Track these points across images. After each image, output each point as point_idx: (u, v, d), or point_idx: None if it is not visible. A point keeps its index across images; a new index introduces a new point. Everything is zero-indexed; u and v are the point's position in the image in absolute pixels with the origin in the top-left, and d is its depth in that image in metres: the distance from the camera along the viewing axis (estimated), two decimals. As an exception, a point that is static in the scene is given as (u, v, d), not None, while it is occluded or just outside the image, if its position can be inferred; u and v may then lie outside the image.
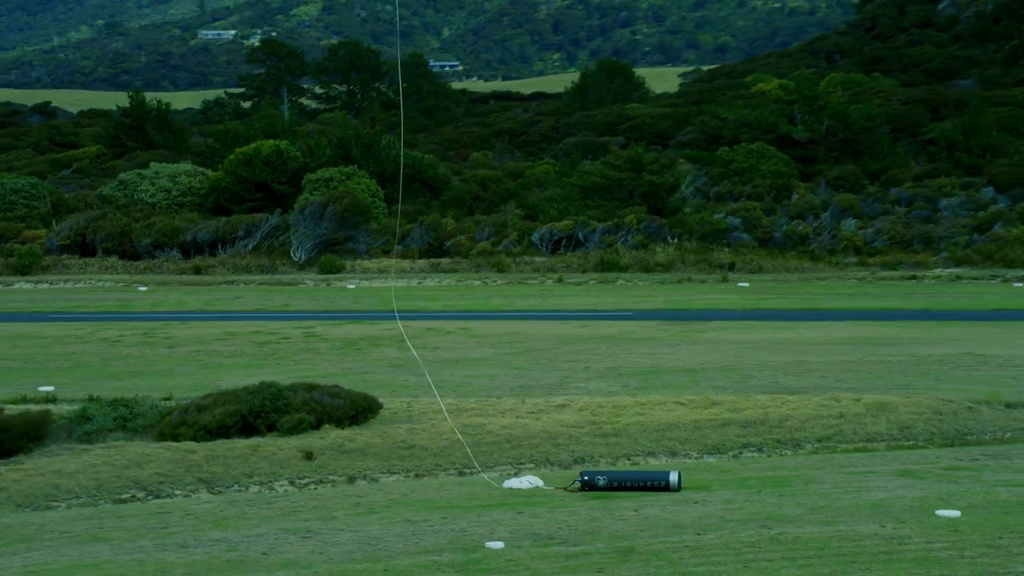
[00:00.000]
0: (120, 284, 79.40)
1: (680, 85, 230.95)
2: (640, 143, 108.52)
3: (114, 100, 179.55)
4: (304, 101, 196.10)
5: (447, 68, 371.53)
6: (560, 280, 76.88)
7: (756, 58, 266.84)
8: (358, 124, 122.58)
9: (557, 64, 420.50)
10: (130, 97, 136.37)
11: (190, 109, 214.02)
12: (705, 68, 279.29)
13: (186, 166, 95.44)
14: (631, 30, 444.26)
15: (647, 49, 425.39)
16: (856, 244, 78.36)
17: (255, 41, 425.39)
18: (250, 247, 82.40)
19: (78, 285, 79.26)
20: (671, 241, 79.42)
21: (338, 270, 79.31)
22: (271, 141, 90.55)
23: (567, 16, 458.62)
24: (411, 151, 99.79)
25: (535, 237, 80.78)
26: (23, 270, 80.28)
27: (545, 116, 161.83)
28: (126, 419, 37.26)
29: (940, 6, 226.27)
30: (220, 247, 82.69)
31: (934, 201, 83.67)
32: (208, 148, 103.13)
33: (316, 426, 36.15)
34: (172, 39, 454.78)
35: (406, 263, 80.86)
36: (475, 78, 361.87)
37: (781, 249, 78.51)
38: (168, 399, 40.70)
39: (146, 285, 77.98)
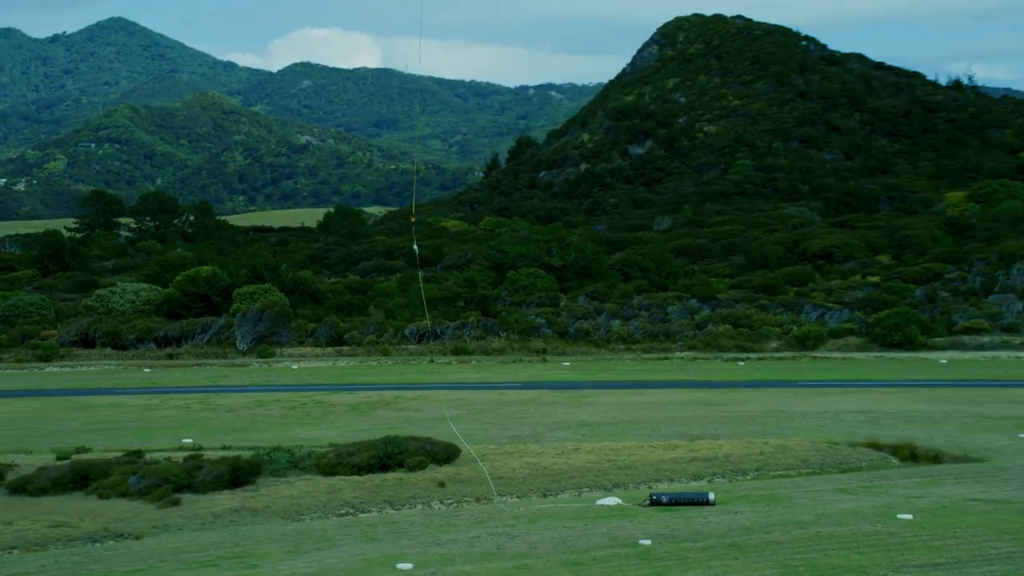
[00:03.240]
0: (121, 367, 77.79)
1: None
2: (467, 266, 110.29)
3: None
4: (123, 233, 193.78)
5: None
6: (432, 361, 78.10)
7: (421, 205, 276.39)
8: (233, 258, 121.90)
9: (242, 204, 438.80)
10: (48, 235, 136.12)
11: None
12: (384, 209, 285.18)
13: (143, 284, 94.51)
14: (293, 181, 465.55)
15: (305, 194, 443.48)
16: (622, 336, 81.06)
17: (21, 187, 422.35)
18: (204, 340, 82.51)
19: (92, 368, 77.48)
20: (501, 334, 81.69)
21: (271, 355, 79.96)
22: (207, 267, 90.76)
23: (248, 170, 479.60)
24: (301, 271, 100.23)
25: (407, 331, 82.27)
26: (46, 358, 78.76)
27: (334, 246, 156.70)
28: (295, 461, 38.94)
29: (540, 175, 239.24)
30: (183, 341, 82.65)
31: (664, 308, 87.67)
32: (154, 269, 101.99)
33: (425, 465, 38.32)
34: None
35: (318, 350, 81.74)
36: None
37: (574, 339, 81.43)
38: (300, 447, 41.61)
39: (149, 368, 77.02)
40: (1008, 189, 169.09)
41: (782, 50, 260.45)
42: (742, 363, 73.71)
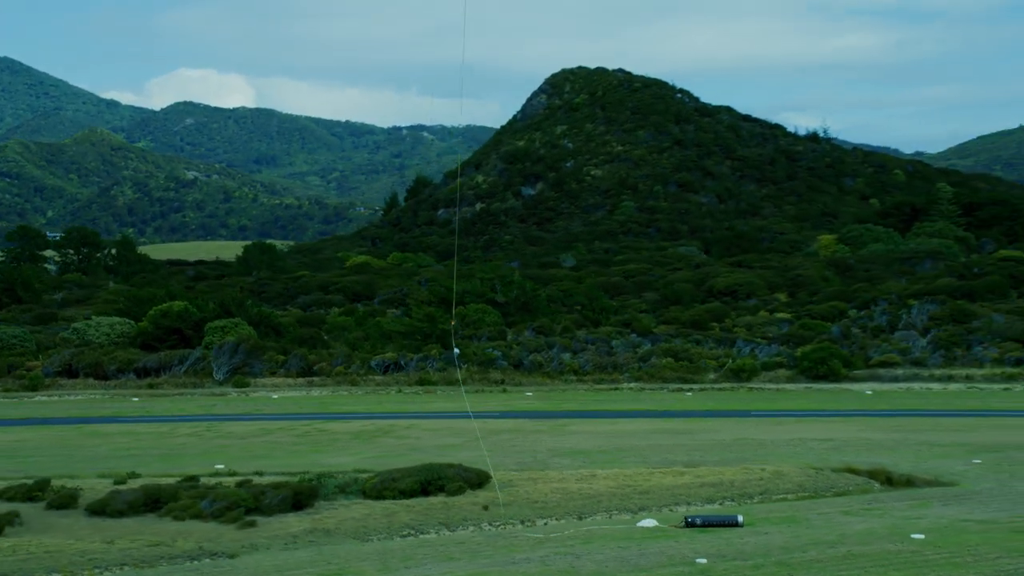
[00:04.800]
0: (106, 396, 78.12)
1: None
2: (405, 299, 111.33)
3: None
4: (47, 265, 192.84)
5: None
6: (400, 391, 79.49)
7: (326, 239, 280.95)
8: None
9: (131, 236, 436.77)
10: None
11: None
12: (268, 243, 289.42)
13: (117, 318, 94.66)
14: (182, 214, 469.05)
15: (193, 227, 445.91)
16: (574, 368, 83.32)
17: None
18: (182, 371, 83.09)
19: (79, 397, 77.59)
20: (462, 366, 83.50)
21: (247, 385, 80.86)
22: (179, 302, 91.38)
23: (137, 204, 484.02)
24: (267, 307, 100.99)
25: (373, 363, 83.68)
26: (33, 387, 78.81)
27: (268, 281, 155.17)
28: (341, 486, 40.53)
29: (439, 212, 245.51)
30: (162, 372, 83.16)
31: (608, 342, 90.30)
32: (124, 303, 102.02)
33: (463, 490, 40.15)
34: None
35: (290, 380, 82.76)
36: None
37: (528, 371, 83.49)
38: (329, 473, 42.93)
39: (136, 397, 77.41)
40: (872, 233, 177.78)
41: (660, 101, 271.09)
42: (689, 393, 76.29)
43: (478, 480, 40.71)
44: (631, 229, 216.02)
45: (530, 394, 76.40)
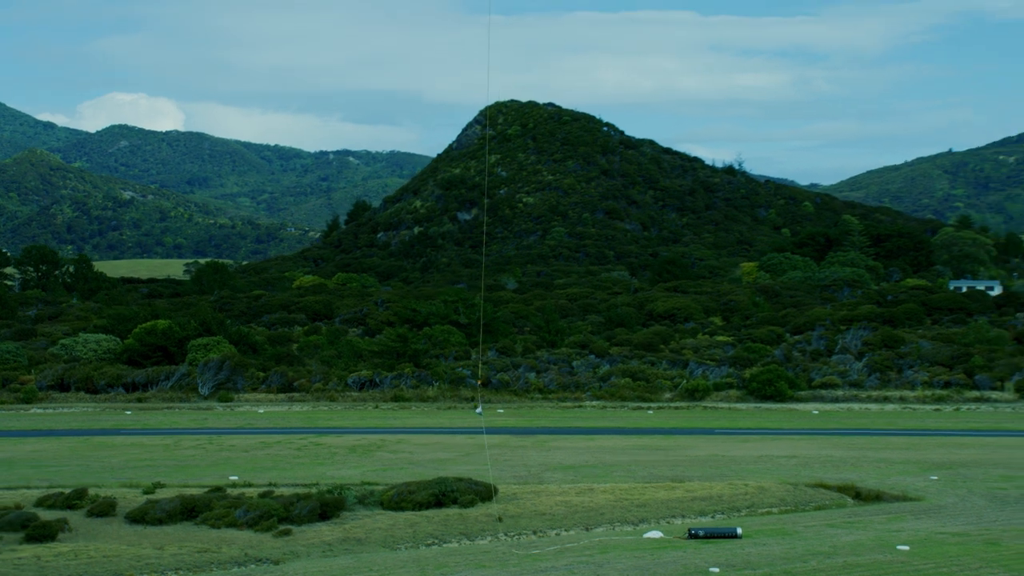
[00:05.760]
0: (98, 409, 78.61)
1: (185, 272, 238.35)
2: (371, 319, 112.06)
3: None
4: (8, 282, 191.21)
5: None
6: (377, 407, 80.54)
7: (270, 259, 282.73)
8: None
9: (70, 253, 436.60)
10: None
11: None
12: (203, 260, 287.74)
13: (102, 335, 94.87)
14: (120, 233, 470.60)
15: (130, 245, 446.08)
16: (539, 387, 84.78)
17: None
18: (168, 386, 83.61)
19: (73, 410, 77.95)
20: (433, 384, 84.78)
21: (231, 400, 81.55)
22: (163, 321, 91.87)
23: (76, 222, 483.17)
24: (244, 327, 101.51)
25: (350, 380, 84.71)
26: (27, 400, 78.97)
27: (230, 300, 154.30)
28: (360, 498, 41.89)
29: (378, 235, 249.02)
30: (149, 386, 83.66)
31: (569, 362, 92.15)
32: (108, 321, 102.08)
33: (475, 503, 41.62)
34: None
35: (271, 395, 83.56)
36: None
37: (496, 389, 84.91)
38: (339, 485, 44.08)
39: (129, 411, 77.77)
40: (791, 261, 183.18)
41: (588, 134, 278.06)
42: (651, 411, 78.08)
43: (487, 493, 42.16)
44: (562, 254, 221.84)
45: (502, 411, 77.76)
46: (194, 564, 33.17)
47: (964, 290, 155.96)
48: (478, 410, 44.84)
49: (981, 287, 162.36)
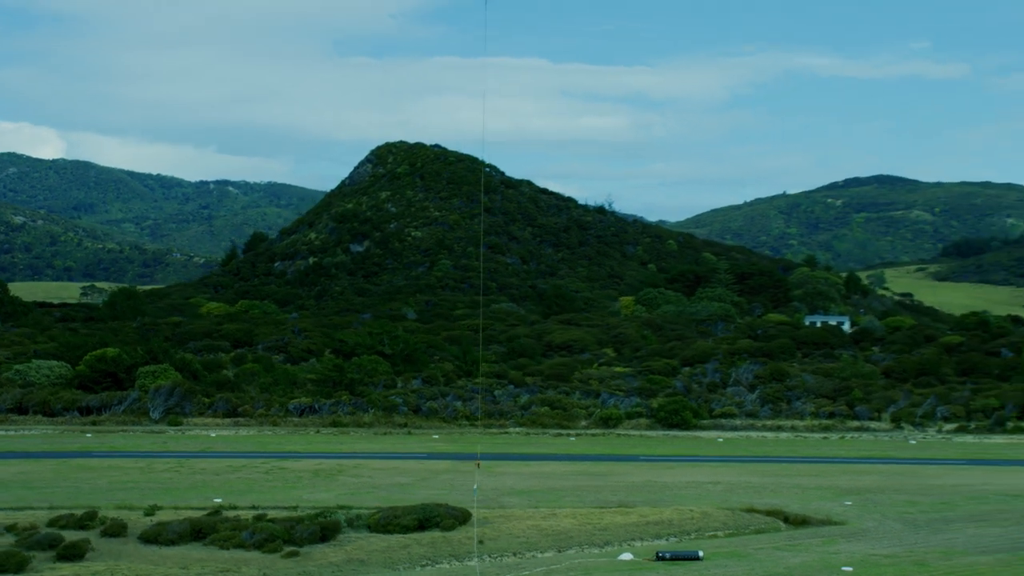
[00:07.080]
0: (57, 432, 78.56)
1: (83, 295, 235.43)
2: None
3: None
4: None
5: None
6: (318, 432, 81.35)
7: (172, 285, 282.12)
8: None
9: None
10: None
11: None
12: (98, 284, 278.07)
13: (56, 361, 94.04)
14: (11, 256, 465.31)
15: (21, 267, 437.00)
16: (465, 414, 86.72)
17: None
18: (120, 410, 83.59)
19: (34, 432, 77.77)
20: (369, 411, 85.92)
21: (181, 424, 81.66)
22: (112, 348, 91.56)
23: None
24: (214, 351, 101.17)
25: (291, 406, 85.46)
26: (-18, 422, 78.29)
27: (152, 327, 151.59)
28: (349, 520, 43.43)
29: (275, 264, 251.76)
30: (102, 410, 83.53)
31: (491, 391, 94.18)
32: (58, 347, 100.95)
33: (455, 526, 43.46)
34: None
35: (218, 420, 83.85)
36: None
37: (426, 416, 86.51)
38: (336, 508, 45.46)
39: (89, 433, 77.54)
40: (664, 296, 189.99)
41: (471, 173, 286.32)
42: (572, 438, 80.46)
43: (463, 517, 44.07)
44: (448, 284, 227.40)
45: (436, 437, 79.30)
46: (220, 583, 34.40)
47: (819, 325, 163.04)
48: (475, 488, 45.67)
49: (833, 322, 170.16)
